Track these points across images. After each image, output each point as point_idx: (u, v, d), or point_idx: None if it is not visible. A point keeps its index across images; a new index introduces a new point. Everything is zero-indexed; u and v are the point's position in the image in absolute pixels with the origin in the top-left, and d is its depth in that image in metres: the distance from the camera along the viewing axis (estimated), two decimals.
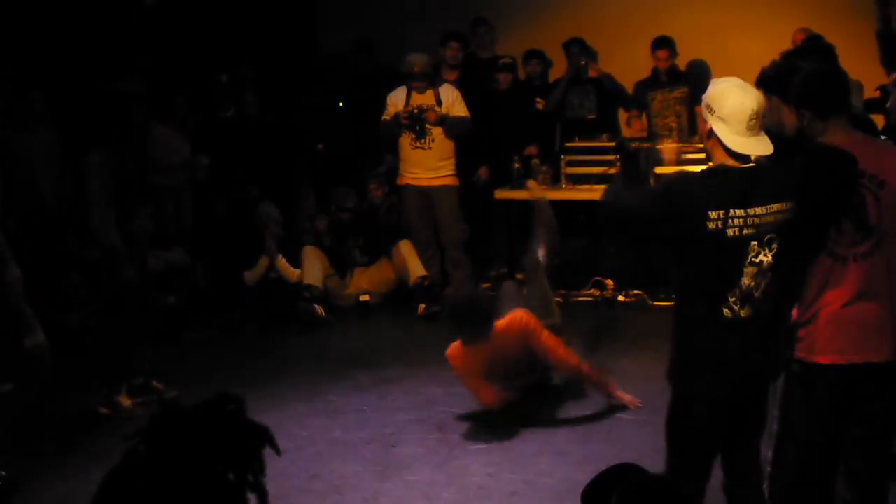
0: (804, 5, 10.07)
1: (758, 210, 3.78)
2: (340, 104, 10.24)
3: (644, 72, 9.98)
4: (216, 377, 7.47)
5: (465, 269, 9.52)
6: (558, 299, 8.62)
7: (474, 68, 10.23)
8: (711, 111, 3.89)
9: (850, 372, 3.94)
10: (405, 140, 9.24)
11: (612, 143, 9.24)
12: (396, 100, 9.24)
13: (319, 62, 10.86)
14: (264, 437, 1.83)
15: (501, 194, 9.51)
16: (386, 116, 9.28)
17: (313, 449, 6.19)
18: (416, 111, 9.10)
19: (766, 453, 4.19)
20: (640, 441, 5.78)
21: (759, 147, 3.85)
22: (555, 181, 9.28)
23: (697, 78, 9.44)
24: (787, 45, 8.71)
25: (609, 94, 10.11)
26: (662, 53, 9.76)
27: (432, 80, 9.24)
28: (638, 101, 9.99)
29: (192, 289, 9.10)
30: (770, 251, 3.82)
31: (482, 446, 6.15)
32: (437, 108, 9.10)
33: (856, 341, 3.93)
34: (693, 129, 9.46)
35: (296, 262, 9.22)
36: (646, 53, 9.90)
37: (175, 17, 9.87)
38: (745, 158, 3.86)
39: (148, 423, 1.81)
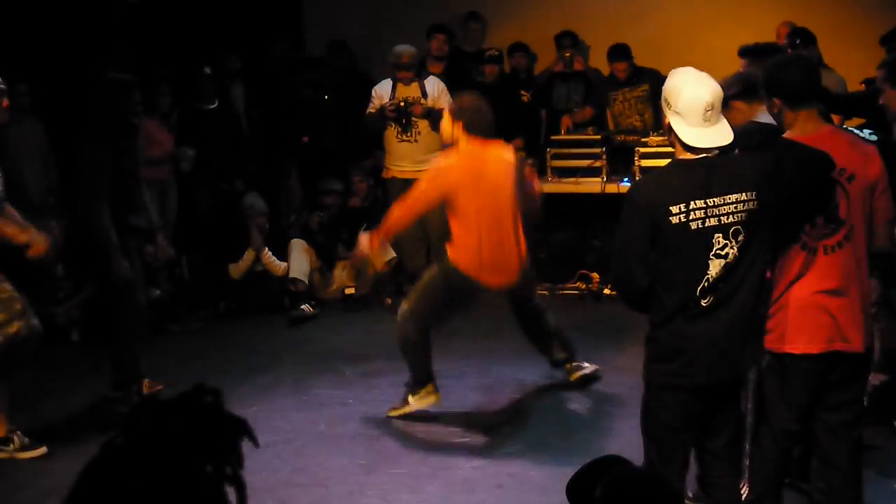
0: None
1: (716, 201, 3.83)
2: (326, 97, 10.22)
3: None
4: (201, 370, 7.45)
5: None
6: (544, 293, 8.64)
7: (459, 61, 10.23)
8: (668, 105, 3.93)
9: (822, 360, 3.98)
10: (391, 133, 9.22)
11: (598, 137, 9.26)
12: (382, 92, 9.23)
13: (305, 55, 10.84)
14: (242, 430, 1.82)
15: None
16: (371, 109, 9.26)
17: (298, 442, 6.18)
18: (401, 104, 9.08)
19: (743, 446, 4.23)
20: (625, 433, 5.78)
21: (717, 138, 3.88)
22: (540, 174, 9.27)
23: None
24: (772, 37, 8.76)
25: (597, 88, 10.12)
26: (621, 65, 9.74)
27: (418, 72, 9.22)
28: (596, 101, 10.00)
29: (177, 281, 9.08)
30: (736, 242, 3.85)
31: (467, 440, 6.15)
32: (422, 101, 9.08)
33: (826, 330, 3.98)
34: (658, 125, 9.45)
35: (282, 255, 9.20)
36: (634, 47, 9.91)
37: (158, 9, 9.83)
38: (704, 150, 3.88)
39: (125, 415, 1.80)
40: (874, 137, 4.66)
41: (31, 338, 5.93)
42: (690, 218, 3.82)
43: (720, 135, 3.88)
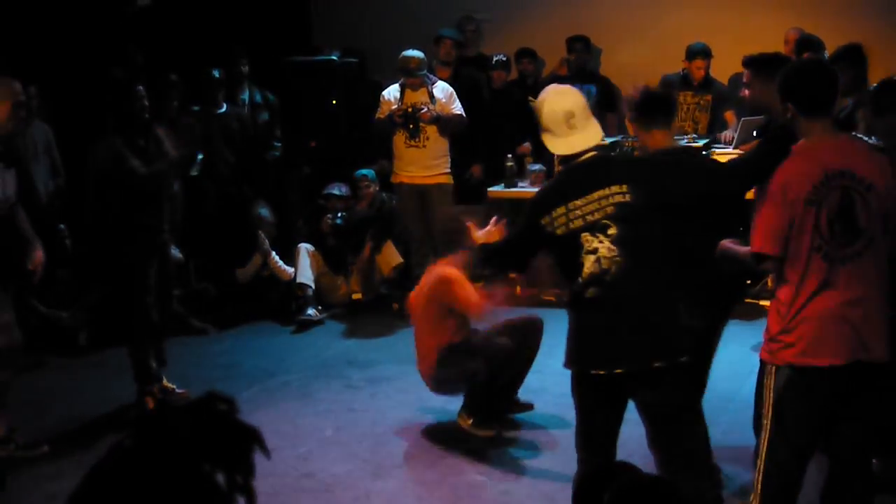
0: (797, 4, 10.06)
1: (578, 202, 4.04)
2: (334, 102, 10.22)
3: (643, 71, 9.94)
4: (207, 375, 7.46)
5: None
6: (551, 298, 8.62)
7: (470, 65, 10.24)
8: (539, 125, 4.21)
9: (846, 371, 3.95)
10: (399, 138, 9.22)
11: (606, 143, 9.24)
12: (390, 98, 9.22)
13: (314, 60, 10.84)
14: (254, 439, 1.81)
15: (495, 193, 9.49)
16: (380, 115, 9.25)
17: (305, 448, 6.18)
18: (410, 109, 9.08)
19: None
20: (632, 440, 5.75)
21: (583, 141, 4.16)
22: (548, 178, 9.27)
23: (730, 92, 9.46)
24: (780, 43, 8.75)
25: (610, 93, 10.13)
26: (700, 63, 9.70)
27: (427, 77, 9.22)
28: None
29: (185, 286, 9.07)
30: (606, 237, 4.01)
31: (474, 445, 6.13)
32: (431, 107, 9.08)
33: (849, 341, 3.93)
34: (711, 133, 9.56)
35: (288, 260, 9.20)
36: (643, 52, 9.93)
37: (168, 12, 9.84)
38: (570, 159, 4.19)
39: (136, 418, 1.79)
40: (881, 145, 4.64)
41: (14, 350, 5.94)
42: (555, 225, 4.07)
43: (586, 137, 4.15)
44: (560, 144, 4.09)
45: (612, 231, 3.96)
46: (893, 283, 4.08)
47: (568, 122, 4.03)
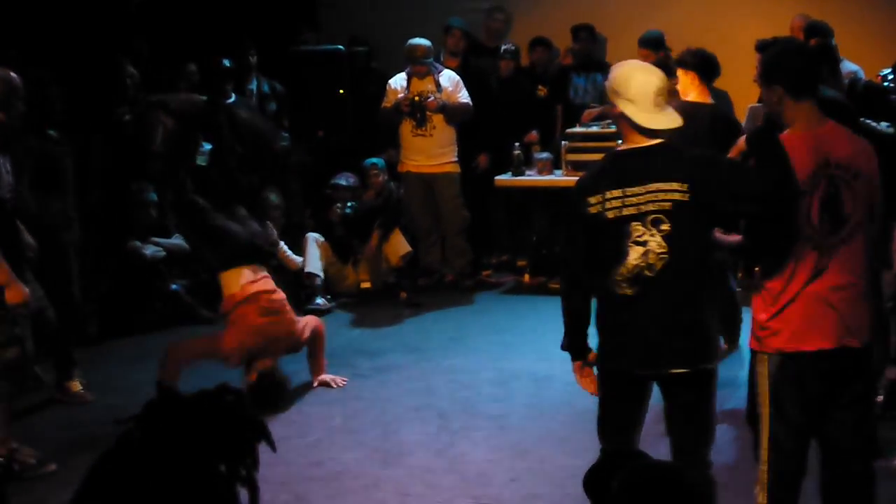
0: None
1: (635, 189, 3.93)
2: (341, 91, 10.21)
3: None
4: (215, 364, 7.47)
5: (465, 257, 9.54)
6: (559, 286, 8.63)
7: (478, 55, 10.23)
8: (618, 94, 4.05)
9: (835, 356, 3.96)
10: (406, 127, 9.22)
11: (614, 130, 9.21)
12: (397, 86, 9.23)
13: (321, 49, 10.83)
14: (260, 432, 1.82)
15: (502, 182, 9.49)
16: (386, 104, 9.26)
17: (314, 436, 6.19)
18: (416, 98, 9.08)
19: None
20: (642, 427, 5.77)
21: (667, 121, 4.03)
22: (556, 167, 9.27)
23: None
24: (786, 30, 8.73)
25: None
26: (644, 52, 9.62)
27: (433, 66, 9.21)
28: None
29: (193, 276, 9.07)
30: (659, 232, 3.92)
31: (483, 433, 6.14)
32: (437, 95, 9.08)
33: (836, 326, 3.95)
34: None
35: (296, 249, 9.21)
36: None
37: (175, 4, 9.84)
38: (656, 135, 4.01)
39: (143, 408, 1.80)
40: (891, 130, 4.63)
41: (27, 363, 5.95)
42: (606, 207, 3.95)
43: (669, 118, 4.03)
44: (647, 118, 3.96)
45: (665, 227, 3.87)
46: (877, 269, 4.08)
47: (656, 99, 3.98)
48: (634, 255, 3.93)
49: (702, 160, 4.05)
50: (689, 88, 6.72)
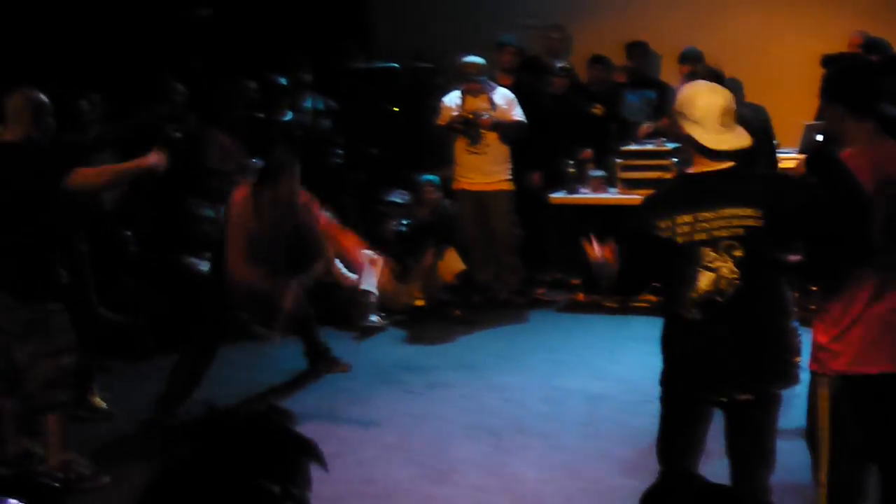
0: (864, 4, 9.93)
1: (707, 215, 3.87)
2: (396, 108, 10.25)
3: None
4: (269, 381, 7.51)
5: (518, 274, 9.52)
6: (613, 305, 8.59)
7: (531, 72, 10.21)
8: (684, 116, 3.99)
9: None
10: (460, 145, 9.23)
11: (668, 147, 9.17)
12: (450, 104, 9.24)
13: (376, 66, 10.88)
14: (310, 451, 1.81)
15: (555, 199, 9.46)
16: (440, 121, 9.27)
17: (367, 453, 6.18)
18: (470, 116, 9.08)
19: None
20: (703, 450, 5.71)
21: (735, 140, 3.96)
22: (610, 185, 9.23)
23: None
24: (841, 46, 8.65)
25: (669, 99, 10.05)
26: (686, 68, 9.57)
27: (487, 83, 9.21)
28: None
29: None
30: (730, 257, 3.86)
31: (535, 452, 6.11)
32: (491, 113, 9.07)
33: None
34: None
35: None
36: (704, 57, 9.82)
37: (231, 21, 9.93)
38: (722, 157, 3.94)
39: (193, 428, 1.80)
40: None
41: (77, 371, 6.01)
42: (677, 232, 3.90)
43: (738, 138, 3.97)
44: (712, 139, 3.91)
45: (737, 253, 3.82)
46: None
47: (722, 119, 3.94)
48: (705, 281, 3.88)
49: (776, 184, 4.00)
50: None
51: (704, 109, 3.94)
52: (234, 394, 7.00)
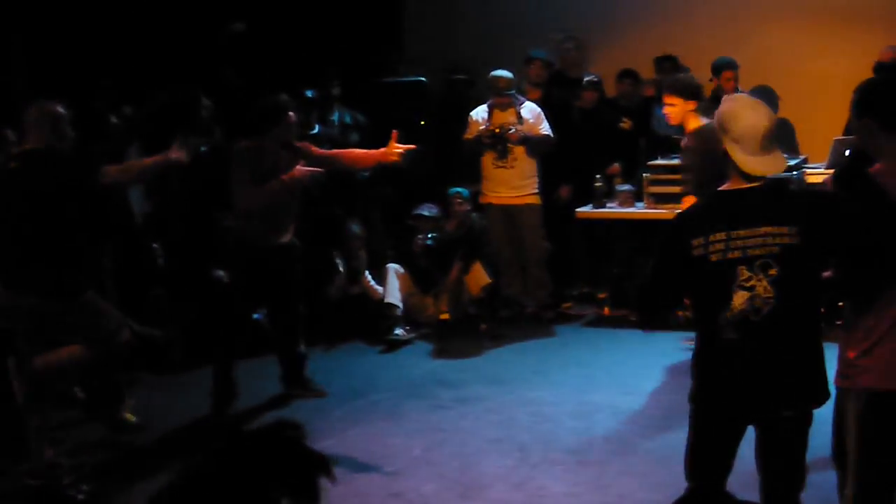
0: (894, 22, 9.89)
1: (742, 233, 3.81)
2: (422, 122, 10.26)
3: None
4: (297, 394, 7.51)
5: (546, 288, 9.51)
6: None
7: (560, 86, 10.21)
8: (725, 131, 3.90)
9: None
10: (488, 159, 9.24)
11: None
12: (478, 118, 9.25)
13: (404, 81, 10.90)
14: (320, 466, 1.82)
15: (583, 214, 9.45)
16: (468, 135, 9.29)
17: (393, 467, 6.18)
18: (498, 130, 9.09)
19: None
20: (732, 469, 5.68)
21: (773, 165, 3.89)
22: (638, 199, 9.21)
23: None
24: (871, 59, 8.62)
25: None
26: (729, 74, 9.53)
27: (515, 98, 9.22)
28: None
29: None
30: (766, 276, 3.79)
31: (562, 467, 6.09)
32: (519, 127, 9.08)
33: None
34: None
35: (378, 279, 9.25)
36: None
37: (262, 36, 9.97)
38: (757, 178, 3.87)
39: (205, 443, 1.82)
40: None
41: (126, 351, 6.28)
42: (710, 250, 3.82)
43: (776, 162, 3.90)
44: (751, 161, 3.84)
45: (772, 272, 3.77)
46: None
47: (762, 141, 3.86)
48: (739, 300, 3.82)
49: (814, 202, 3.90)
50: (690, 116, 7.08)
51: (747, 129, 3.85)
52: (264, 407, 7.03)
